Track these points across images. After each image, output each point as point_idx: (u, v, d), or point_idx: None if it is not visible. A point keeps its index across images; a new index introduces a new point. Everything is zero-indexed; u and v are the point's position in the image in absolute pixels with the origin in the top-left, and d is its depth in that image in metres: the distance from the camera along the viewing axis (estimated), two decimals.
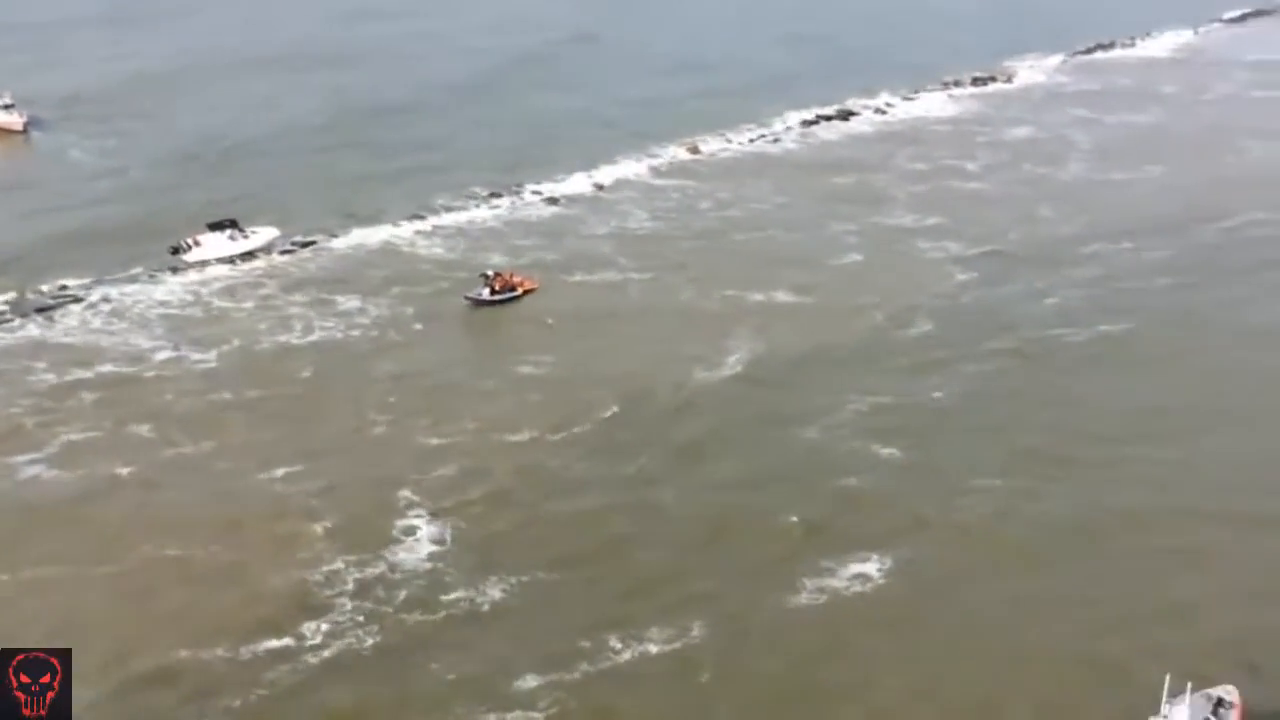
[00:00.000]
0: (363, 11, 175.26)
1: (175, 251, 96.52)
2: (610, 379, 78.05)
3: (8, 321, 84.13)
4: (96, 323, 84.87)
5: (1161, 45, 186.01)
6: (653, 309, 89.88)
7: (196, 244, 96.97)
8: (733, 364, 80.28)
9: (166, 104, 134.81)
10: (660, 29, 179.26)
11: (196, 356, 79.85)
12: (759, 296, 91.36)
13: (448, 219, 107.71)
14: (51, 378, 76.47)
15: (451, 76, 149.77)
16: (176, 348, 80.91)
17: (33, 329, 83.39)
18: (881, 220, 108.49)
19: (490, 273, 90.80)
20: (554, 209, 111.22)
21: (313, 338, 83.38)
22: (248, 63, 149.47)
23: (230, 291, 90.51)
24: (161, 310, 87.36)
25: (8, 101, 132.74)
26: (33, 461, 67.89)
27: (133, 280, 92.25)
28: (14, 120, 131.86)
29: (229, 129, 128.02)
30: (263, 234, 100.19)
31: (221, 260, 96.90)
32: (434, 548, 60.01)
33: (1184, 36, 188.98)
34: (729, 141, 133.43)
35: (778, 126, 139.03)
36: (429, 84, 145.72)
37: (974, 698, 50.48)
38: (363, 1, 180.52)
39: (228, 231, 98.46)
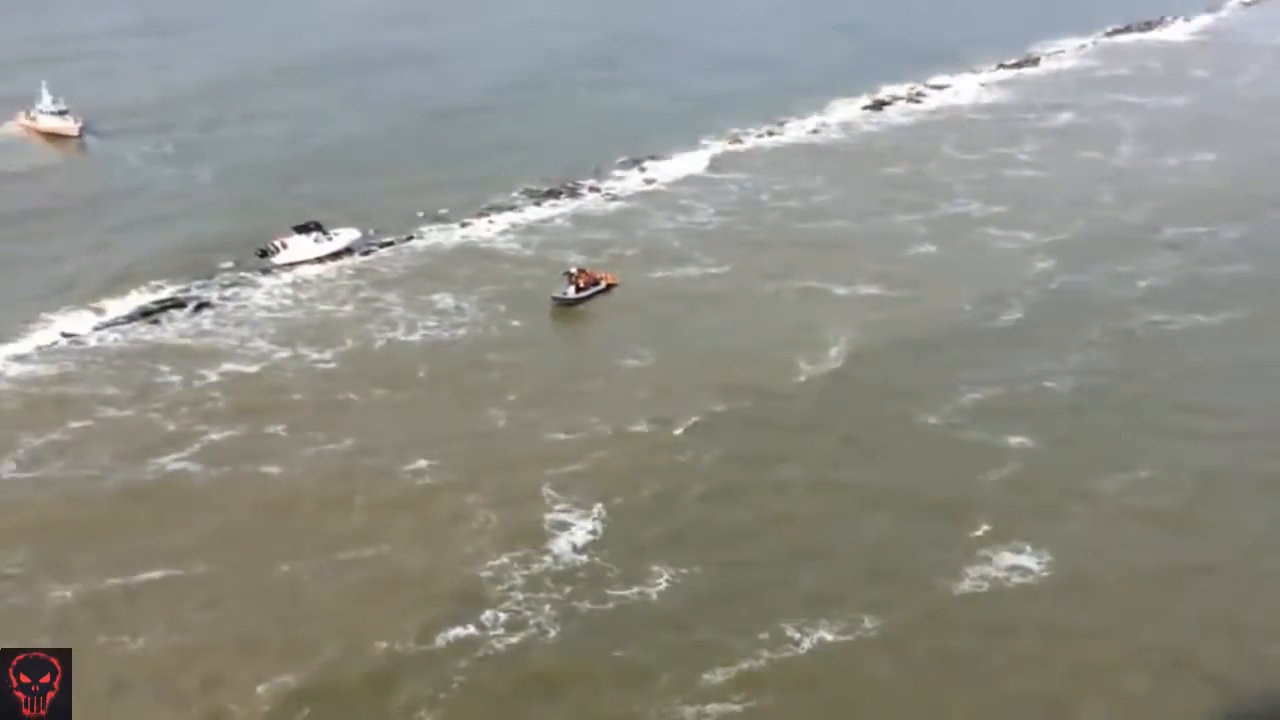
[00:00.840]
0: (397, 17, 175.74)
1: (263, 254, 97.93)
2: (715, 372, 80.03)
3: (118, 325, 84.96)
4: (205, 324, 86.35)
5: (1181, 29, 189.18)
6: (738, 302, 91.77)
7: (283, 246, 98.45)
8: (834, 356, 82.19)
9: (219, 112, 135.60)
10: (695, 24, 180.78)
11: (314, 356, 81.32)
12: (842, 289, 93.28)
13: (515, 217, 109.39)
14: (179, 380, 77.73)
15: (503, 77, 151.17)
16: (294, 348, 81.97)
17: (144, 333, 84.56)
18: (946, 210, 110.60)
19: (574, 270, 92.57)
20: (616, 204, 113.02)
21: (418, 336, 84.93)
22: (290, 70, 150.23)
23: (329, 293, 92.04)
24: (265, 313, 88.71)
25: (62, 107, 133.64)
26: (177, 459, 69.11)
27: (227, 284, 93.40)
28: (69, 125, 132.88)
29: (290, 135, 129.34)
30: (344, 235, 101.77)
31: (308, 262, 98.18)
32: (589, 539, 61.71)
33: (1203, 20, 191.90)
34: (772, 134, 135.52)
35: (817, 118, 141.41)
36: (482, 85, 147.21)
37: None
38: (394, 7, 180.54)
39: (313, 234, 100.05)
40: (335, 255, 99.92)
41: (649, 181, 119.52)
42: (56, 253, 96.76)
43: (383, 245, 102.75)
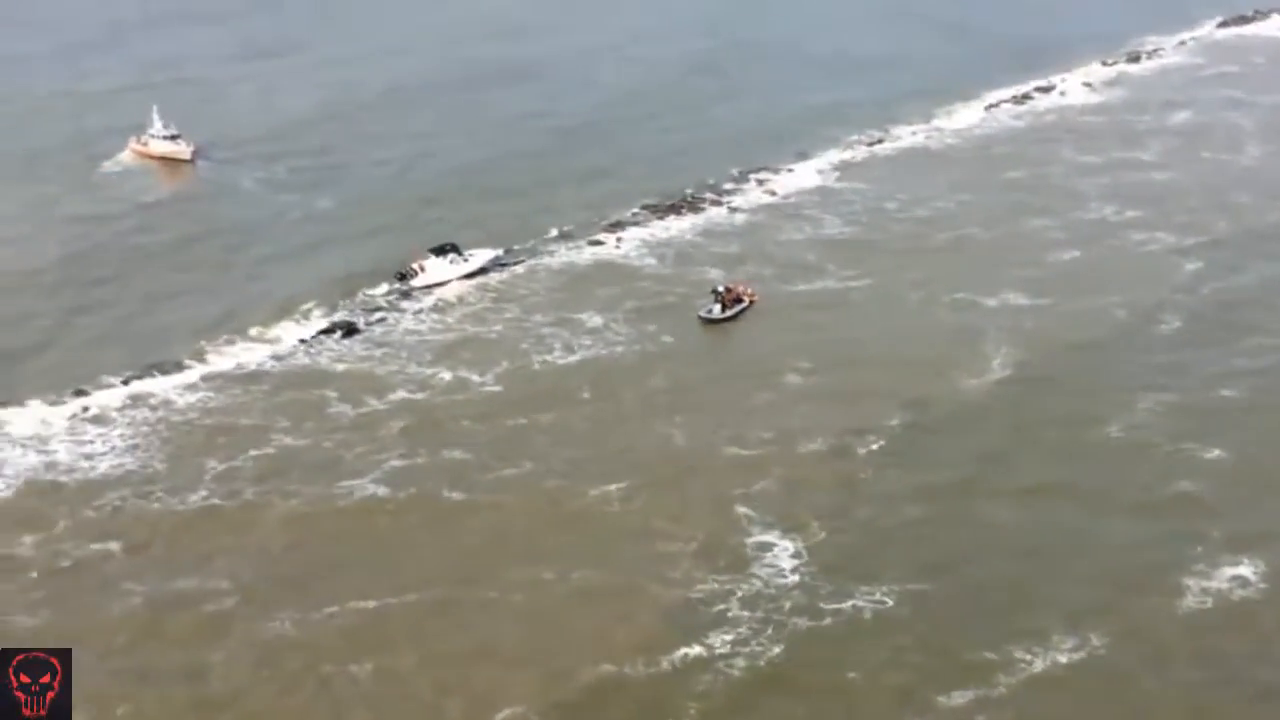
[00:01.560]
0: (496, 32, 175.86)
1: (402, 277, 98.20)
2: (879, 385, 79.54)
3: (277, 353, 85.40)
4: (359, 350, 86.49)
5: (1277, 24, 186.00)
6: (886, 314, 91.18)
7: (422, 269, 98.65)
8: (998, 368, 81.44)
9: (330, 135, 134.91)
10: (791, 28, 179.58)
11: (477, 379, 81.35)
12: (989, 299, 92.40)
13: (642, 233, 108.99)
14: (349, 408, 77.99)
15: (609, 92, 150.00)
16: (454, 372, 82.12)
17: (303, 360, 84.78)
18: (1080, 215, 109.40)
19: (721, 288, 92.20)
20: (741, 217, 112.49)
21: (576, 357, 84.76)
22: (395, 91, 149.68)
23: (475, 315, 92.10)
24: (415, 337, 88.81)
25: (173, 132, 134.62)
26: (365, 484, 69.40)
27: (370, 309, 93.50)
28: (182, 150, 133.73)
29: (405, 157, 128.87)
30: (479, 255, 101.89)
31: (446, 283, 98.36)
32: (794, 561, 61.44)
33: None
34: (882, 141, 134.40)
35: (925, 124, 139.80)
36: (591, 100, 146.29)
37: None
38: (490, 22, 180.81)
39: (449, 255, 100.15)
40: (471, 276, 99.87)
41: (769, 193, 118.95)
42: (206, 283, 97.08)
43: (515, 264, 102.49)
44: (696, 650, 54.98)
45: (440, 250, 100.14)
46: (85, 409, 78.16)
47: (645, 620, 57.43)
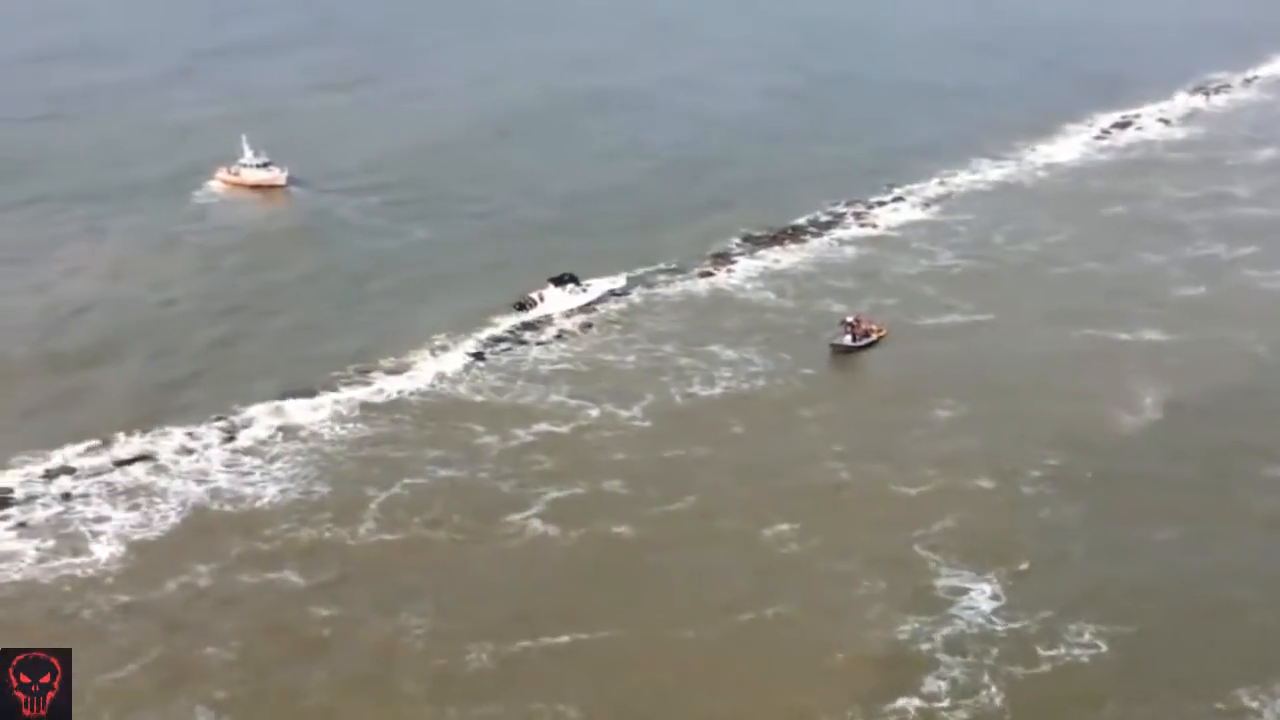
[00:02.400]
0: (578, 64, 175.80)
1: (521, 307, 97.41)
2: (1031, 422, 78.67)
3: (414, 384, 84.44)
4: (493, 380, 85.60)
5: None
6: (1019, 350, 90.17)
7: (541, 299, 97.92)
8: (1150, 406, 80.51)
9: (415, 168, 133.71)
10: (872, 60, 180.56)
11: (624, 413, 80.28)
12: (1123, 334, 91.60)
13: (754, 264, 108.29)
14: (496, 439, 76.97)
15: (702, 122, 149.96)
16: (598, 404, 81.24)
17: (441, 391, 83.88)
18: (1190, 251, 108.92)
19: (851, 319, 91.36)
20: (850, 250, 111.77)
21: (718, 390, 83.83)
22: (482, 123, 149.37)
23: (604, 346, 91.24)
24: (548, 367, 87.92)
25: (265, 159, 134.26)
26: (526, 522, 68.25)
27: (494, 339, 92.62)
28: (276, 176, 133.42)
29: (492, 187, 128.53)
30: (597, 285, 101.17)
31: (565, 314, 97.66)
32: (993, 604, 60.35)
33: None
34: (972, 174, 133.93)
35: (1008, 157, 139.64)
36: (685, 131, 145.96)
37: None
38: (571, 55, 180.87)
39: (568, 285, 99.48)
40: (588, 307, 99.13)
41: (870, 226, 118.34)
42: (335, 315, 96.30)
43: (631, 294, 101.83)
44: (916, 702, 53.68)
45: (559, 280, 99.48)
46: (232, 438, 77.16)
47: (853, 665, 56.29)
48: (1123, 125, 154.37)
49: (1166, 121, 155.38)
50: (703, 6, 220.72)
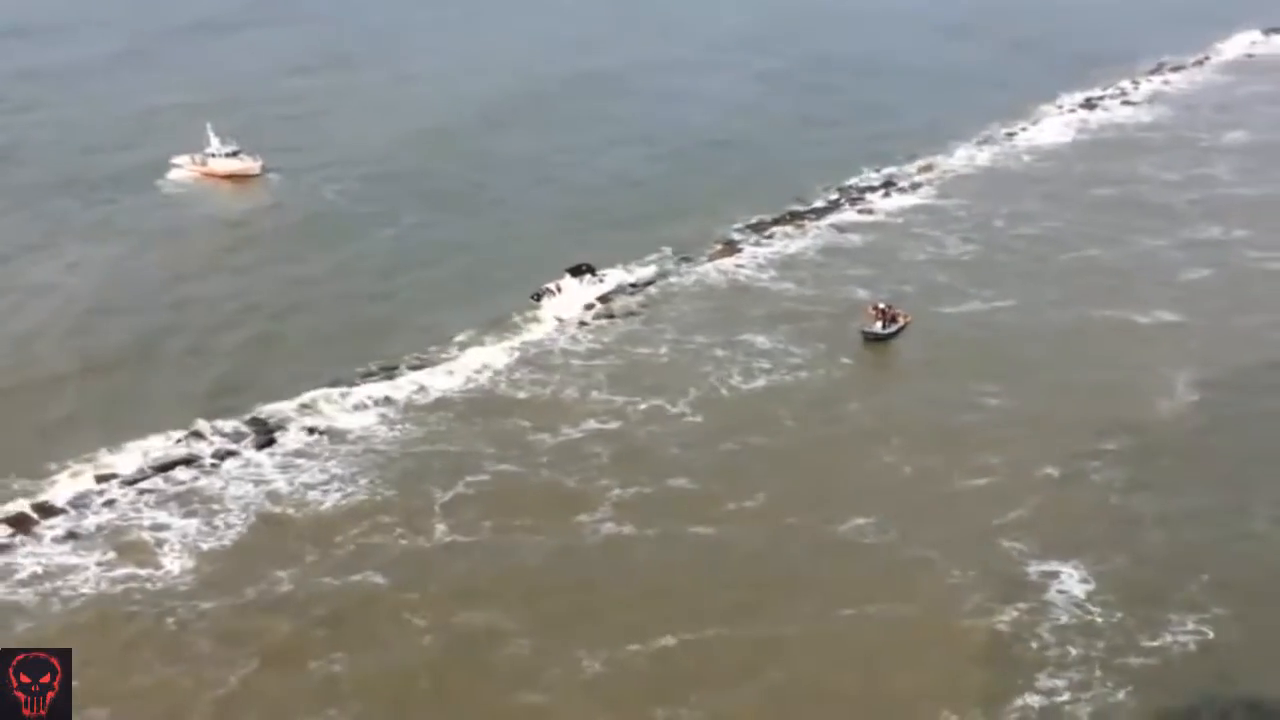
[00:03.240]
0: (570, 46, 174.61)
1: (538, 298, 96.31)
2: (1076, 409, 78.61)
3: (450, 381, 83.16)
4: (530, 375, 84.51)
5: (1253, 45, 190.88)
6: (1045, 336, 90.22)
7: (559, 290, 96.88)
8: (1184, 388, 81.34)
9: (410, 157, 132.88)
10: (844, 45, 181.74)
11: (672, 408, 79.57)
12: (1141, 318, 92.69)
13: (762, 251, 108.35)
14: (547, 436, 75.96)
15: (694, 108, 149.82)
16: (643, 398, 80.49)
17: (480, 386, 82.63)
18: (1189, 234, 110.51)
19: (882, 306, 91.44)
20: (858, 236, 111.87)
21: (761, 382, 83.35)
22: (474, 109, 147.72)
23: (632, 337, 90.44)
24: (579, 360, 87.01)
25: (235, 148, 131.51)
26: (600, 521, 67.35)
27: (510, 328, 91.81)
28: (249, 165, 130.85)
29: (487, 174, 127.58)
30: (612, 276, 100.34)
31: (584, 305, 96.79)
32: (1085, 587, 60.64)
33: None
34: (956, 158, 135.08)
35: (987, 140, 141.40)
36: (677, 117, 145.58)
37: None
38: (563, 38, 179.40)
39: (585, 276, 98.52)
40: (606, 297, 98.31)
41: (867, 212, 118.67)
42: (355, 311, 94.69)
43: (647, 285, 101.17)
44: (1036, 699, 53.66)
45: (576, 271, 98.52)
46: (272, 439, 75.46)
47: (964, 662, 56.08)
48: (1089, 106, 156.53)
49: (1132, 103, 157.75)
50: None
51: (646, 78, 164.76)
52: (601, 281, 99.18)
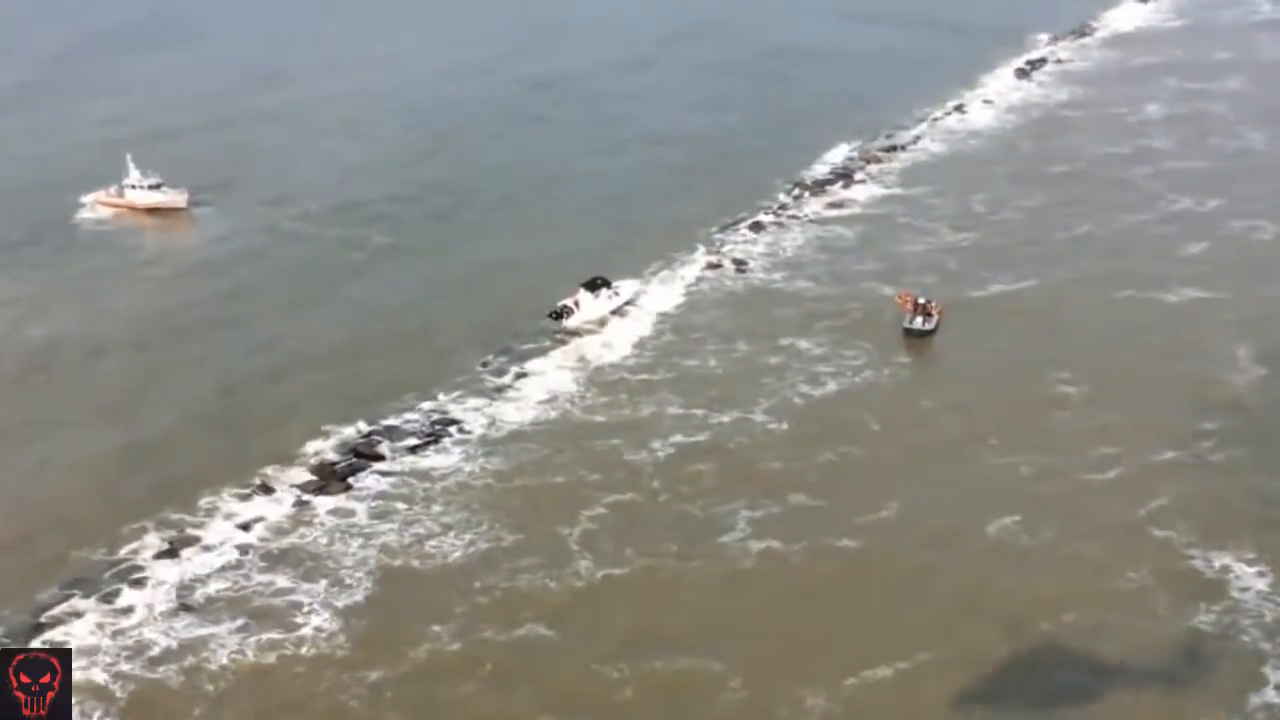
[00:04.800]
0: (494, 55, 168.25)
1: (558, 316, 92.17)
2: (1155, 389, 78.76)
3: (521, 410, 78.49)
4: (594, 396, 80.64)
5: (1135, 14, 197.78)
6: (1086, 319, 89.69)
7: (577, 305, 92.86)
8: (1244, 361, 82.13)
9: (337, 179, 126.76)
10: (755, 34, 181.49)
11: (753, 419, 76.66)
12: (1169, 296, 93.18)
13: (755, 250, 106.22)
14: (643, 455, 72.66)
15: (630, 108, 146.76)
16: (722, 411, 77.40)
17: (555, 412, 78.27)
18: (1166, 207, 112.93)
19: (923, 300, 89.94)
20: (846, 229, 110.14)
21: (831, 387, 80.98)
22: (411, 134, 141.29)
23: (673, 349, 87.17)
24: (637, 376, 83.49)
25: (156, 180, 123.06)
26: (741, 541, 64.13)
27: (543, 350, 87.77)
28: (174, 198, 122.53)
29: (443, 190, 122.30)
30: (626, 288, 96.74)
31: (601, 320, 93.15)
32: (1265, 584, 59.85)
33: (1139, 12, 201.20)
34: (898, 146, 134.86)
35: (924, 122, 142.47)
36: (610, 115, 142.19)
37: None
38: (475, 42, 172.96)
39: (602, 290, 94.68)
40: (622, 310, 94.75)
41: (837, 206, 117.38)
42: (356, 342, 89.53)
43: (648, 295, 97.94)
44: (1272, 696, 52.50)
45: (592, 285, 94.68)
46: (349, 486, 70.17)
47: (1183, 663, 54.84)
48: (1018, 78, 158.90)
49: (1042, 84, 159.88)
50: None
51: (594, 80, 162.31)
52: (617, 294, 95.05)
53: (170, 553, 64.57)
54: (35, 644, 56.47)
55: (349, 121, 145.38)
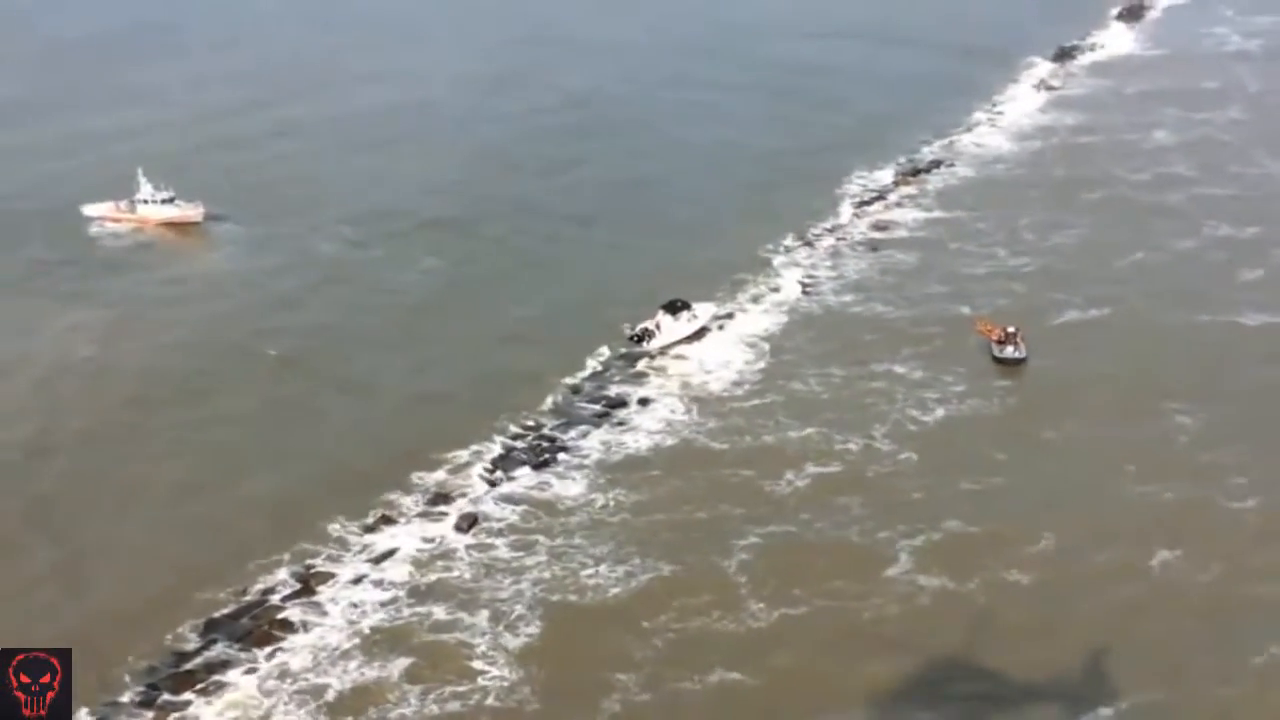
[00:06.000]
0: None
1: (638, 340, 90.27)
2: (1267, 410, 78.95)
3: (633, 438, 76.43)
4: (713, 423, 78.94)
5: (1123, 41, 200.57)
6: (1171, 345, 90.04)
7: (659, 328, 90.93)
8: None
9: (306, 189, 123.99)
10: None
11: (878, 447, 75.50)
12: (1245, 320, 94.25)
13: (821, 274, 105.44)
14: (781, 486, 71.29)
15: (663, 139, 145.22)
16: (852, 436, 76.14)
17: (675, 439, 76.77)
18: (1211, 232, 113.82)
19: (1011, 329, 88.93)
20: (901, 254, 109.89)
21: (940, 413, 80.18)
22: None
23: (771, 373, 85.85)
24: (746, 403, 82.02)
25: (168, 194, 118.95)
26: (906, 575, 62.75)
27: (632, 375, 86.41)
28: (189, 212, 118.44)
29: (460, 205, 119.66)
30: (703, 311, 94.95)
31: (681, 341, 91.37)
32: None
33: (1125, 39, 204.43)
34: (923, 170, 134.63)
35: (944, 147, 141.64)
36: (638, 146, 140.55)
37: None
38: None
39: (682, 313, 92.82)
40: (701, 332, 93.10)
41: (882, 228, 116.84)
42: (433, 365, 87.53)
43: (727, 316, 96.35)
44: None
45: (672, 308, 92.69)
46: (475, 521, 67.64)
47: None
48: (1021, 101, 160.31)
49: (1043, 109, 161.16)
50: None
51: (606, 95, 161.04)
52: (696, 317, 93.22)
53: (306, 590, 61.09)
54: (186, 695, 53.00)
55: (370, 136, 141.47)
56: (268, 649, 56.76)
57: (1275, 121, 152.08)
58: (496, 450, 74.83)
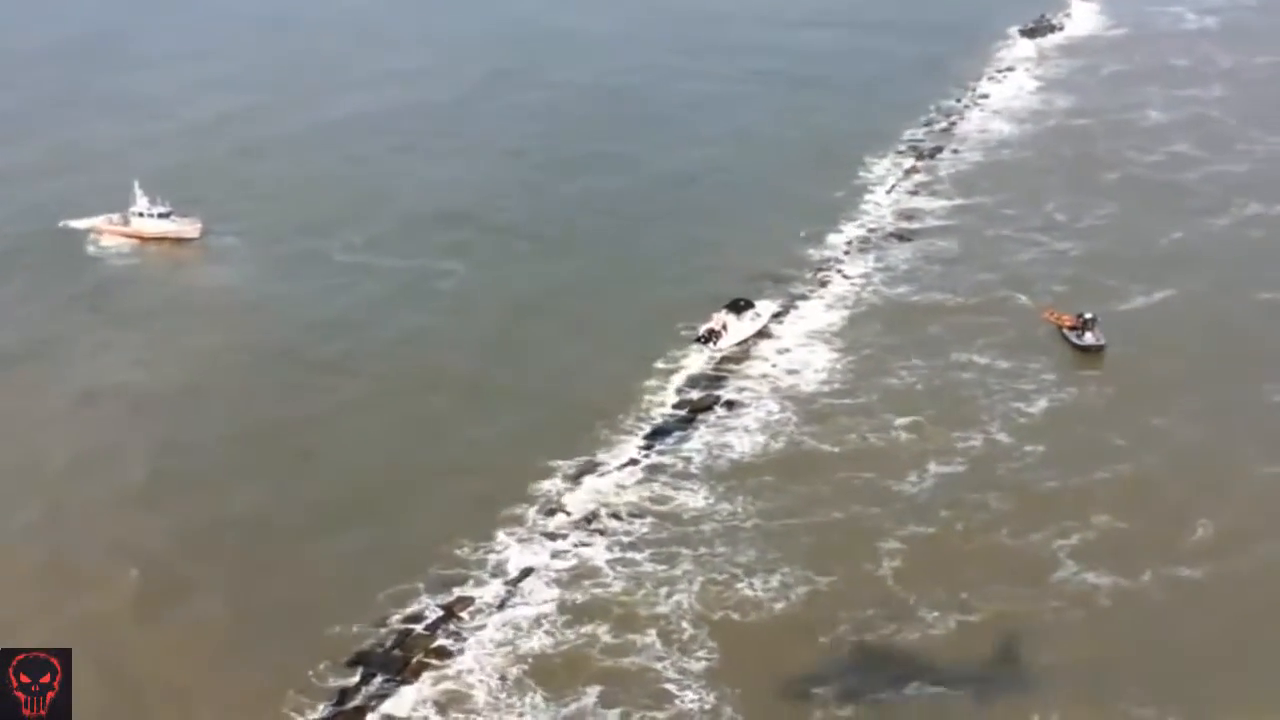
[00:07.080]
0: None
1: (706, 340, 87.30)
2: None
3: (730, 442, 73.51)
4: (811, 426, 75.86)
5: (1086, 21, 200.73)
6: (1252, 327, 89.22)
7: (725, 328, 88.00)
8: None
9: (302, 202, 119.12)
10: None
11: (999, 440, 73.41)
12: None
13: (868, 266, 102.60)
14: (908, 487, 68.93)
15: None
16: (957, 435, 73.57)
17: (781, 444, 73.22)
18: (1239, 212, 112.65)
19: (1088, 316, 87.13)
20: (942, 242, 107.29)
21: (1043, 403, 78.27)
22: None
23: (853, 369, 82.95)
24: (841, 400, 79.35)
25: (165, 208, 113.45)
26: (1075, 576, 60.61)
27: (715, 377, 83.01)
28: (185, 228, 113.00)
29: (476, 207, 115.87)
30: (765, 308, 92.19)
31: (745, 341, 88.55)
32: None
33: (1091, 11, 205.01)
34: (926, 155, 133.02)
35: (938, 132, 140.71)
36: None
37: None
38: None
39: (745, 311, 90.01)
40: (764, 331, 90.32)
41: (907, 216, 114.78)
42: (502, 378, 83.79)
43: (785, 314, 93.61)
44: None
45: (735, 306, 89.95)
46: (602, 531, 65.12)
47: None
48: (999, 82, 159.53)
49: (1030, 91, 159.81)
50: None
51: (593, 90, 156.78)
52: (759, 315, 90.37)
53: (449, 616, 57.26)
54: None
55: (371, 138, 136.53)
56: (427, 678, 52.58)
57: (1260, 98, 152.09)
58: (600, 460, 71.16)
